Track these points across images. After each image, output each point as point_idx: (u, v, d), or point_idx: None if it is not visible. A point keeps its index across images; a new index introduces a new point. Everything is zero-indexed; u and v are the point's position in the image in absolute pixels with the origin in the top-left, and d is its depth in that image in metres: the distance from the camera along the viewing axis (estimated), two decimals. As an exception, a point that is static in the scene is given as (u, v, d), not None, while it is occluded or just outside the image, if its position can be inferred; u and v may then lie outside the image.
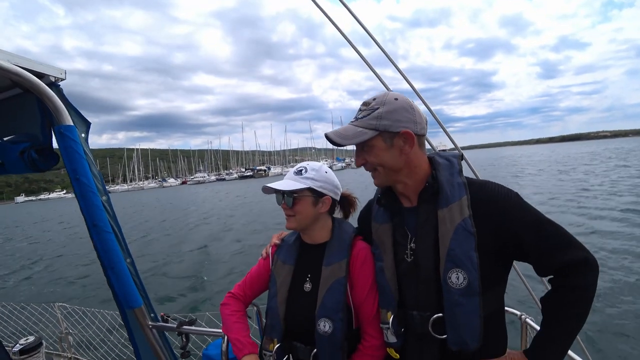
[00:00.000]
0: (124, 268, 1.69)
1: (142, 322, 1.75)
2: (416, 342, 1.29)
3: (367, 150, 1.26)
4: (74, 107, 1.66)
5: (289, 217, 1.46)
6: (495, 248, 1.18)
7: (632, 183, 19.85)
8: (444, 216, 1.22)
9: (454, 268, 1.17)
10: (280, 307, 1.48)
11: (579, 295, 1.11)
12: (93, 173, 1.67)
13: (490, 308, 1.20)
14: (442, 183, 1.25)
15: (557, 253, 1.11)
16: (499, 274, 1.24)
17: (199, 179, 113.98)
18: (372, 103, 1.25)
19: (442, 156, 1.34)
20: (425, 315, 1.24)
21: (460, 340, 1.17)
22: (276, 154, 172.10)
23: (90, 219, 1.64)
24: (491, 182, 1.26)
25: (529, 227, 1.14)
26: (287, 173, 1.50)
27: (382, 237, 1.38)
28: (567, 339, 1.14)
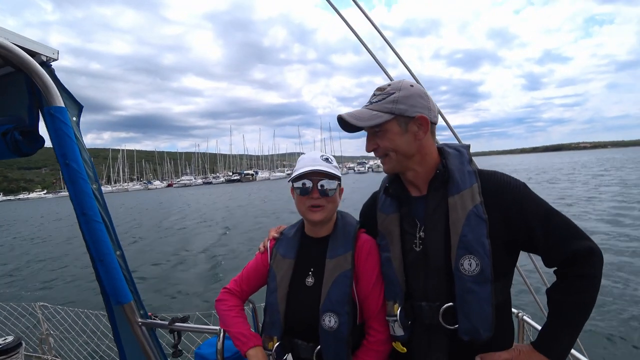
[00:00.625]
0: (113, 261, 1.60)
1: (131, 318, 1.65)
2: (424, 334, 1.26)
3: (380, 135, 1.24)
4: (65, 89, 1.57)
5: (319, 208, 1.39)
6: (505, 237, 1.17)
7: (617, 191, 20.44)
8: (455, 203, 1.20)
9: (466, 255, 1.15)
10: (280, 303, 1.41)
11: (587, 284, 1.11)
12: (84, 159, 1.58)
13: (499, 299, 1.18)
14: (453, 171, 1.24)
15: (566, 243, 1.12)
16: (507, 264, 1.23)
17: (185, 182, 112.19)
18: (388, 88, 1.24)
19: (451, 146, 1.35)
20: (435, 305, 1.22)
21: (472, 329, 1.14)
22: (264, 158, 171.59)
23: (80, 207, 1.54)
24: (499, 172, 1.26)
25: (539, 217, 1.14)
26: (310, 159, 1.42)
27: (390, 227, 1.35)
28: (575, 329, 1.13)
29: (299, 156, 1.53)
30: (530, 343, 1.20)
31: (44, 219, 33.91)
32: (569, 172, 43.29)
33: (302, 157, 1.47)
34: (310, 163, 1.40)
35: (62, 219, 30.56)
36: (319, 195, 1.37)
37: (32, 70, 1.40)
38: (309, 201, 1.38)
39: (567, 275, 1.14)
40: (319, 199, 1.37)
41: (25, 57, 1.37)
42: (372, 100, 1.25)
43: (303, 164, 1.42)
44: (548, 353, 1.13)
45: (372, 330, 1.35)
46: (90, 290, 8.84)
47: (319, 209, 1.38)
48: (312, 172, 1.36)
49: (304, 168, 1.38)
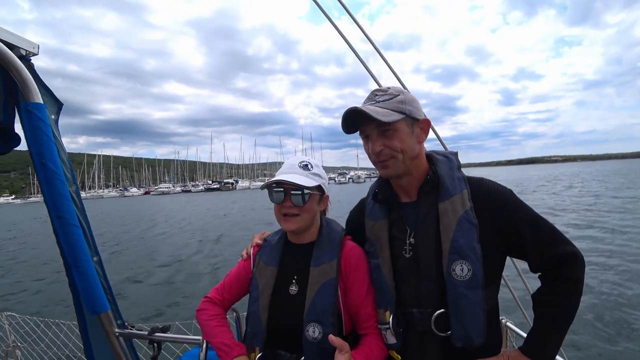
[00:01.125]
0: (90, 267, 1.51)
1: (107, 329, 1.56)
2: (417, 341, 1.24)
3: (389, 135, 1.21)
4: (45, 85, 1.50)
5: (292, 217, 1.34)
6: (494, 242, 1.18)
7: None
8: (445, 208, 1.21)
9: (458, 260, 1.15)
10: (262, 312, 1.35)
11: (572, 287, 1.14)
12: (62, 159, 1.50)
13: (489, 304, 1.19)
14: (443, 177, 1.25)
15: (552, 248, 1.14)
16: (496, 270, 1.24)
17: (163, 190, 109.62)
18: (390, 90, 1.24)
19: (439, 153, 1.35)
20: (427, 312, 1.21)
21: (465, 334, 1.14)
22: (245, 167, 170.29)
23: (55, 210, 1.45)
24: (487, 179, 1.27)
25: (527, 222, 1.16)
26: (288, 166, 1.39)
27: (378, 234, 1.33)
28: (561, 332, 1.15)
29: (280, 166, 1.49)
30: (518, 348, 1.20)
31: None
32: (543, 185, 44.80)
33: (284, 162, 1.45)
34: (285, 170, 1.37)
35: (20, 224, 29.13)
36: (291, 204, 1.33)
37: (9, 63, 1.33)
38: (282, 209, 1.35)
39: (553, 279, 1.16)
40: (291, 207, 1.33)
41: (4, 50, 1.30)
42: (377, 99, 1.23)
43: (280, 170, 1.39)
44: (536, 356, 1.14)
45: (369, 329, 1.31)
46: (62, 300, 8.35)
47: (292, 218, 1.34)
48: (282, 182, 1.32)
49: (277, 176, 1.35)
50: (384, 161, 1.24)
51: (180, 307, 7.70)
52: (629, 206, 19.67)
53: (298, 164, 1.38)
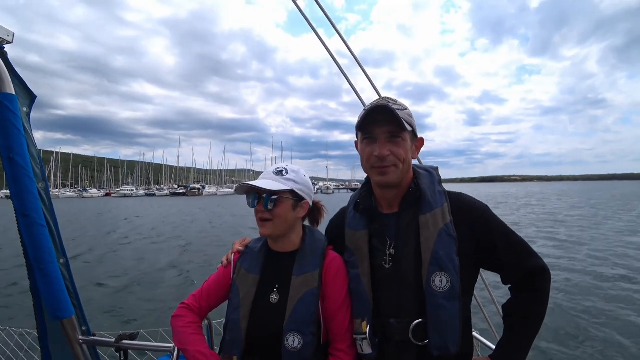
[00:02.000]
0: (56, 270, 1.43)
1: (70, 335, 1.47)
2: (393, 351, 1.25)
3: (397, 143, 1.23)
4: (18, 76, 1.42)
5: (265, 222, 1.34)
6: (470, 255, 1.22)
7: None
8: (426, 221, 1.24)
9: (438, 271, 1.18)
10: (242, 320, 1.33)
11: (540, 299, 1.21)
12: (32, 154, 1.43)
13: (464, 314, 1.22)
14: (425, 190, 1.28)
15: (524, 261, 1.21)
16: (471, 282, 1.28)
17: (125, 192, 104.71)
18: (399, 101, 1.27)
19: (421, 167, 1.39)
20: (405, 321, 1.22)
21: (443, 344, 1.17)
22: (213, 173, 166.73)
23: (21, 208, 1.37)
24: (465, 194, 1.32)
25: (502, 236, 1.22)
26: (265, 173, 1.39)
27: (358, 244, 1.34)
28: (529, 340, 1.21)
29: (249, 173, 1.48)
30: (489, 356, 1.25)
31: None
32: (504, 202, 46.84)
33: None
34: (260, 177, 1.38)
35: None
36: (262, 209, 1.33)
37: (-20, 51, 1.26)
38: (257, 214, 1.36)
39: (523, 292, 1.23)
40: (263, 212, 1.34)
41: (-26, 36, 1.23)
42: (391, 104, 1.22)
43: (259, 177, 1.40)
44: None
45: (339, 352, 1.31)
46: (17, 304, 7.62)
47: (266, 222, 1.34)
48: (249, 186, 1.33)
49: (252, 181, 1.36)
50: (386, 167, 1.24)
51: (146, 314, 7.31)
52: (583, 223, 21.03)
53: (273, 170, 1.39)
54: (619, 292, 8.32)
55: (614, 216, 25.11)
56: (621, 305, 7.38)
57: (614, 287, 8.68)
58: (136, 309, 7.68)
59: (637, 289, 8.49)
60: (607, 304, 7.47)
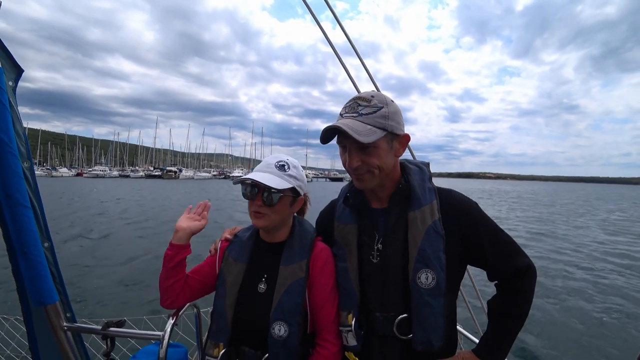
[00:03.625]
0: (40, 254, 1.37)
1: (54, 322, 1.42)
2: (377, 345, 1.28)
3: (369, 152, 1.19)
4: (4, 46, 1.33)
5: (261, 215, 1.33)
6: (457, 251, 1.24)
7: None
8: (415, 217, 1.24)
9: (423, 268, 1.20)
10: (228, 308, 1.35)
11: (524, 297, 1.23)
12: (17, 131, 1.34)
13: (449, 310, 1.25)
14: (415, 186, 1.28)
15: (510, 259, 1.23)
16: (457, 278, 1.30)
17: (97, 173, 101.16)
18: (374, 100, 1.19)
19: (411, 162, 1.39)
20: (390, 316, 1.25)
21: (426, 339, 1.19)
22: (190, 156, 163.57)
23: (4, 188, 1.30)
24: (455, 191, 1.32)
25: (489, 234, 1.24)
26: (265, 164, 1.37)
27: (347, 238, 1.35)
28: (512, 336, 1.24)
29: (227, 158, 1.45)
30: (472, 350, 1.29)
31: None
32: (480, 197, 48.36)
33: (264, 159, 1.42)
34: (261, 168, 1.36)
35: None
36: (261, 204, 1.32)
37: (-38, 17, 1.16)
38: (252, 206, 1.34)
39: (508, 289, 1.25)
40: (261, 207, 1.32)
41: (-44, 1, 1.13)
42: (360, 111, 1.18)
43: (257, 168, 1.37)
44: (488, 358, 1.24)
45: (325, 342, 1.33)
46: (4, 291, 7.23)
47: (261, 215, 1.33)
48: (253, 181, 1.30)
49: (252, 173, 1.34)
50: (360, 174, 1.24)
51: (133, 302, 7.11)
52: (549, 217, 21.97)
53: (275, 163, 1.36)
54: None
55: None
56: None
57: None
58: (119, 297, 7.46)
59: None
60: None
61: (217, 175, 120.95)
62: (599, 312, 7.15)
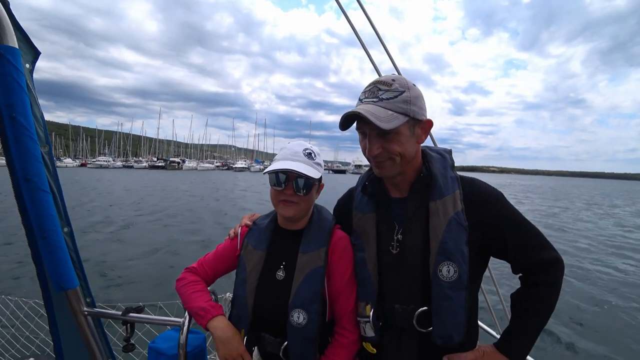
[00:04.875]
0: (60, 239, 1.36)
1: (75, 307, 1.42)
2: (395, 336, 1.25)
3: (390, 138, 1.15)
4: (22, 29, 1.30)
5: (291, 204, 1.32)
6: (480, 243, 1.19)
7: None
8: (436, 208, 1.20)
9: (445, 261, 1.15)
10: (249, 295, 1.34)
11: (550, 291, 1.17)
12: (35, 114, 1.32)
13: (470, 303, 1.21)
14: (436, 175, 1.23)
15: (535, 252, 1.17)
16: (480, 270, 1.27)
17: (101, 163, 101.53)
18: (394, 84, 1.14)
19: (433, 150, 1.34)
20: (409, 308, 1.21)
21: (446, 333, 1.16)
22: (193, 147, 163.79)
23: (23, 172, 1.28)
24: (478, 180, 1.27)
25: (514, 226, 1.18)
26: (292, 152, 1.33)
27: (365, 227, 1.32)
28: (535, 331, 1.18)
29: (230, 149, 1.42)
30: (493, 344, 1.24)
31: None
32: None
33: (285, 147, 1.39)
34: (289, 157, 1.32)
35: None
36: (292, 192, 1.30)
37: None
38: (282, 195, 1.32)
39: (533, 283, 1.19)
40: (292, 195, 1.31)
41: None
42: (381, 96, 1.14)
43: (283, 156, 1.34)
44: (510, 354, 1.18)
45: (344, 330, 1.32)
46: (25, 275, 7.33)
47: (291, 204, 1.32)
48: (290, 171, 1.27)
49: (283, 161, 1.30)
50: (381, 162, 1.21)
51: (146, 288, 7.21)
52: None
53: (302, 151, 1.34)
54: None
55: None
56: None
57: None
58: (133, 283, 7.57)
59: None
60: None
61: (220, 167, 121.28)
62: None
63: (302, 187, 1.29)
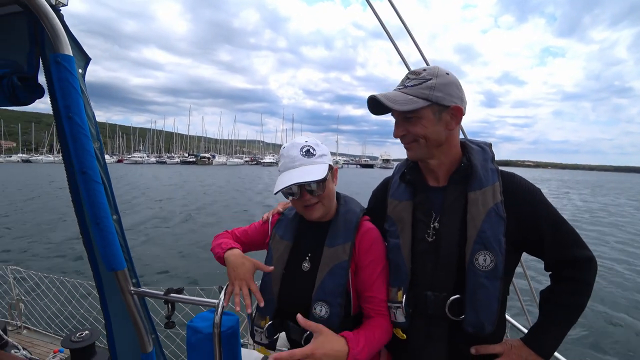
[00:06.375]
0: (110, 225, 1.51)
1: (123, 286, 1.58)
2: (425, 323, 1.28)
3: (413, 121, 1.21)
4: (74, 38, 1.45)
5: (313, 206, 1.34)
6: (516, 237, 1.21)
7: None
8: (476, 198, 1.22)
9: (482, 250, 1.18)
10: (275, 283, 1.41)
11: (582, 289, 1.19)
12: (88, 114, 1.48)
13: (502, 295, 1.24)
14: (477, 166, 1.26)
15: (569, 250, 1.20)
16: (513, 263, 1.29)
17: (136, 159, 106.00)
18: (423, 73, 1.21)
19: (473, 142, 1.36)
20: (442, 296, 1.23)
21: (479, 322, 1.19)
22: (223, 142, 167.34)
23: (79, 165, 1.44)
24: (518, 175, 1.30)
25: (550, 222, 1.20)
26: (290, 159, 1.33)
27: (402, 214, 1.34)
28: (563, 329, 1.20)
29: (259, 144, 1.50)
30: (520, 338, 1.26)
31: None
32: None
33: (282, 154, 1.38)
34: (290, 165, 1.32)
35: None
36: (310, 197, 1.33)
37: (42, 11, 1.29)
38: (301, 202, 1.35)
39: (564, 279, 1.22)
40: (311, 198, 1.33)
41: (37, -3, 1.26)
42: (407, 84, 1.22)
43: (284, 165, 1.34)
44: (537, 349, 1.20)
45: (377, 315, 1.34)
46: (67, 258, 8.27)
47: (314, 207, 1.35)
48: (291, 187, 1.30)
49: (285, 173, 1.31)
50: (407, 143, 1.27)
51: (187, 276, 7.84)
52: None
53: (299, 152, 1.33)
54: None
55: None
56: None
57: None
58: (175, 270, 8.23)
59: None
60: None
61: (249, 162, 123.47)
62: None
63: (315, 189, 1.31)
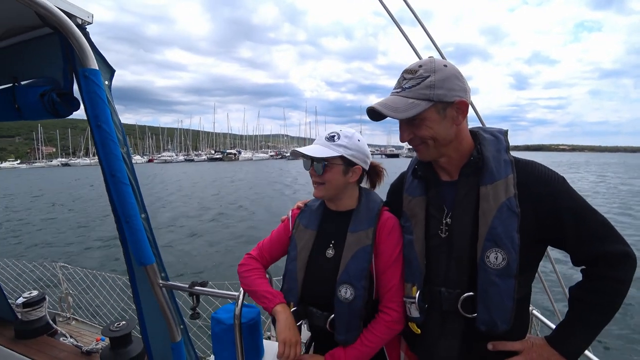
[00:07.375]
0: (138, 222, 1.65)
1: (152, 279, 1.72)
2: (439, 319, 1.26)
3: (417, 124, 1.16)
4: (99, 52, 1.59)
5: (318, 185, 1.43)
6: (535, 231, 1.13)
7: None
8: (487, 193, 1.16)
9: (493, 247, 1.12)
10: (299, 271, 1.46)
11: (613, 288, 1.08)
12: (114, 122, 1.61)
13: (521, 292, 1.17)
14: (488, 158, 1.18)
15: (597, 243, 1.08)
16: (534, 258, 1.21)
17: (166, 158, 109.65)
18: (420, 70, 1.13)
19: (487, 131, 1.28)
20: (455, 292, 1.21)
21: (491, 320, 1.14)
22: (248, 138, 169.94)
23: (109, 169, 1.58)
24: (537, 163, 1.19)
25: (572, 213, 1.09)
26: (317, 137, 1.45)
27: (415, 210, 1.33)
28: (592, 330, 1.10)
29: (283, 138, 1.56)
30: (544, 337, 1.19)
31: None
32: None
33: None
34: (315, 141, 1.44)
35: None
36: (315, 173, 1.41)
37: (69, 31, 1.41)
38: (312, 177, 1.44)
39: (595, 276, 1.11)
40: (315, 176, 1.42)
41: (64, 19, 1.38)
42: (404, 85, 1.15)
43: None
44: (561, 349, 1.12)
45: (388, 309, 1.36)
46: (107, 255, 9.50)
47: (317, 186, 1.43)
48: (300, 153, 1.39)
49: (304, 147, 1.42)
50: (415, 146, 1.23)
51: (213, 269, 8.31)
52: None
53: (326, 135, 1.42)
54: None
55: None
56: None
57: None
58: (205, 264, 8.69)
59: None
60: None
61: (274, 156, 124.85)
62: None
63: (317, 168, 1.39)
